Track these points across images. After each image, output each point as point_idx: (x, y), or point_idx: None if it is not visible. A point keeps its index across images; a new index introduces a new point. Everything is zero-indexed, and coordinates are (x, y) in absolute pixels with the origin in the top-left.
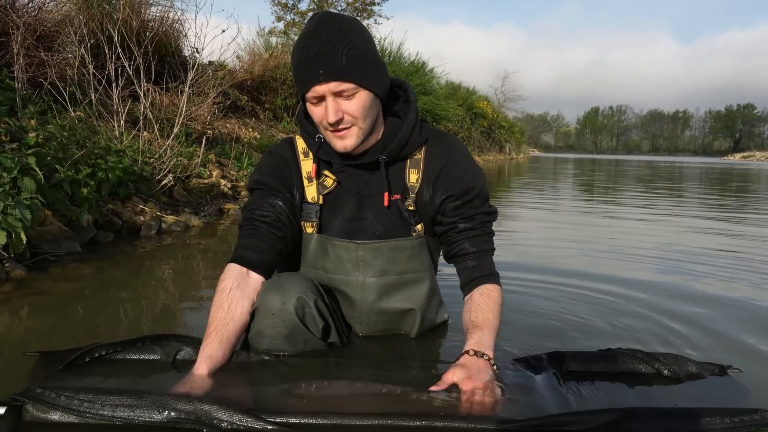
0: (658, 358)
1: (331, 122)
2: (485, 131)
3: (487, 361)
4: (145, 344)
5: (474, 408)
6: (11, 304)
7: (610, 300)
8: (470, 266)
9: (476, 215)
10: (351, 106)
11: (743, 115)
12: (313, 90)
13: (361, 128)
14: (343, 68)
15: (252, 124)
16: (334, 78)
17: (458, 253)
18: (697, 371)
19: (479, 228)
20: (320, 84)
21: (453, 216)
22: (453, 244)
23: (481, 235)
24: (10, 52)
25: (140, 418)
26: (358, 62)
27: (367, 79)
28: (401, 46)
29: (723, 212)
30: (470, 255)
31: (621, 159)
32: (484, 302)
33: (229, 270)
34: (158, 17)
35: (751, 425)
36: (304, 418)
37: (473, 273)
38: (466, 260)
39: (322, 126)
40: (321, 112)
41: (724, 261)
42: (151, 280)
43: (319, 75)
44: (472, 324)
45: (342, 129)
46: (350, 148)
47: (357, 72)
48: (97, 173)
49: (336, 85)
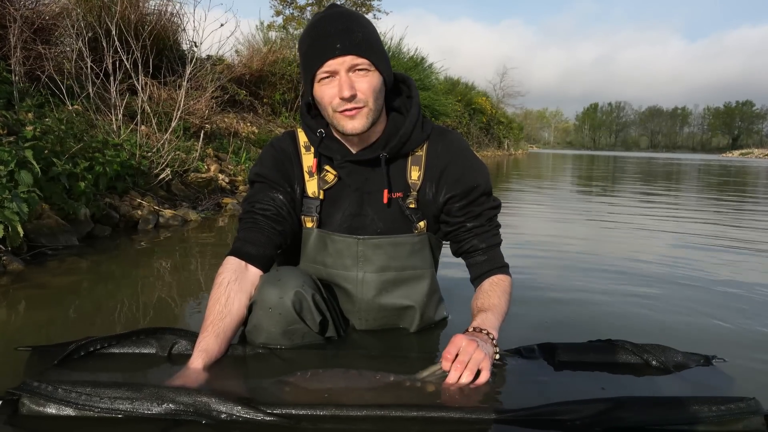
0: (647, 349)
1: (346, 96)
2: (484, 127)
3: (487, 335)
4: (140, 337)
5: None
6: (8, 297)
7: (602, 291)
8: (480, 261)
9: (483, 212)
10: (364, 84)
11: (742, 112)
12: (327, 64)
13: (371, 110)
14: (360, 44)
15: (250, 118)
16: (351, 51)
17: (468, 250)
18: (683, 361)
19: (487, 224)
20: (336, 57)
21: (460, 216)
22: (462, 242)
23: (489, 230)
24: (7, 44)
25: (139, 410)
26: (372, 43)
27: (379, 61)
28: (401, 42)
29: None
30: (480, 251)
31: (620, 156)
32: (492, 289)
33: (228, 263)
34: (156, 11)
35: (737, 413)
36: (303, 410)
37: (484, 267)
38: (476, 256)
39: (331, 107)
40: (333, 91)
41: (715, 253)
42: (149, 274)
43: (336, 49)
44: (478, 309)
45: (353, 109)
46: (359, 130)
47: (371, 51)
48: (95, 167)
49: (352, 58)
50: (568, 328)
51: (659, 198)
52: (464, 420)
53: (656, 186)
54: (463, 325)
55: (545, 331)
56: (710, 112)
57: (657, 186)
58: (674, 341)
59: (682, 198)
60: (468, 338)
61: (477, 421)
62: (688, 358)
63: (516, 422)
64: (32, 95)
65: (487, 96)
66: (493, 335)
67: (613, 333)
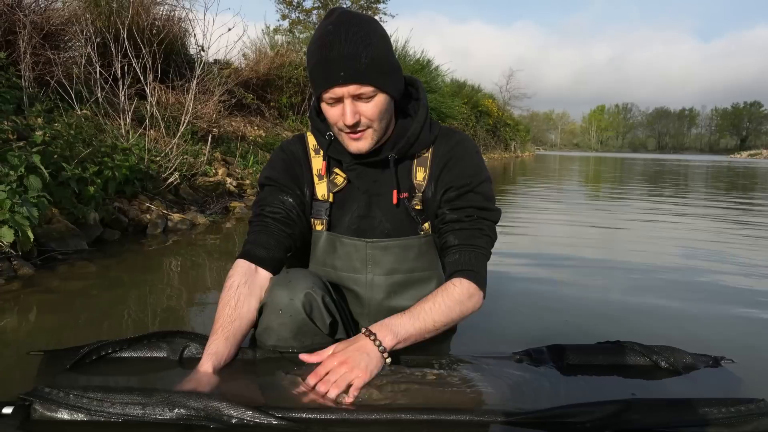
0: (656, 350)
1: (349, 125)
2: (490, 129)
3: (375, 344)
4: (151, 341)
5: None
6: (19, 301)
7: (607, 291)
8: (451, 260)
9: (467, 208)
10: (369, 110)
11: (750, 113)
12: (331, 91)
13: (376, 130)
14: (364, 72)
15: (257, 122)
16: (354, 81)
17: (443, 246)
18: (692, 362)
19: (467, 221)
20: (340, 86)
21: (444, 206)
22: (442, 236)
23: (469, 230)
24: (16, 50)
25: (150, 415)
26: (378, 66)
27: (385, 82)
28: (406, 44)
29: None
30: (453, 248)
31: (627, 157)
32: (439, 293)
33: (237, 266)
34: (165, 16)
35: (747, 415)
36: (313, 414)
37: (453, 267)
38: (449, 254)
39: (336, 127)
40: (337, 114)
41: (724, 255)
42: (158, 278)
43: (339, 77)
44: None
45: (358, 131)
46: (364, 151)
47: (376, 76)
48: (104, 171)
49: (356, 88)
50: (578, 329)
51: (667, 200)
52: (475, 423)
53: (664, 189)
54: (467, 328)
55: (556, 332)
56: (718, 113)
57: (665, 189)
58: (683, 342)
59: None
60: (342, 356)
61: (488, 423)
62: (698, 359)
63: (527, 424)
64: (42, 100)
65: (493, 98)
66: (384, 343)
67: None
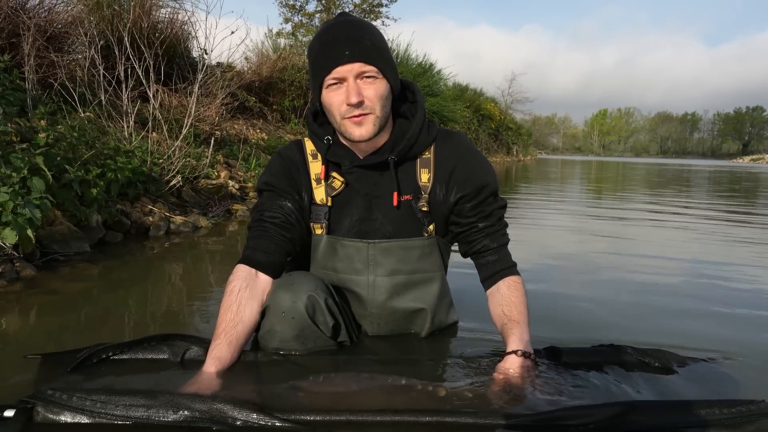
0: (649, 353)
1: (353, 102)
2: (492, 133)
3: (533, 361)
4: (152, 344)
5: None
6: (21, 303)
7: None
8: (491, 261)
9: (493, 211)
10: (371, 91)
11: (752, 118)
12: (335, 71)
13: (377, 117)
14: (369, 51)
15: (260, 125)
16: (359, 59)
17: (479, 250)
18: (686, 363)
19: (497, 224)
20: (345, 64)
21: (471, 216)
22: (473, 242)
23: (499, 230)
24: (20, 52)
25: (154, 418)
26: (380, 51)
27: (386, 68)
28: (408, 48)
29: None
30: (491, 251)
31: (629, 162)
32: (515, 296)
33: (238, 271)
34: (168, 18)
35: (748, 415)
36: (317, 415)
37: (495, 266)
38: (487, 256)
39: (339, 114)
40: (340, 97)
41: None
42: (160, 280)
43: (345, 56)
44: (508, 318)
45: (360, 115)
46: (366, 137)
47: (379, 59)
48: (107, 173)
49: (360, 65)
50: (578, 331)
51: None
52: (477, 425)
53: (666, 192)
54: (472, 330)
55: (558, 333)
56: (720, 118)
57: (667, 192)
58: (682, 342)
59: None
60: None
61: (490, 425)
62: (693, 362)
63: (529, 427)
64: (45, 102)
65: (495, 102)
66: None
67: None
